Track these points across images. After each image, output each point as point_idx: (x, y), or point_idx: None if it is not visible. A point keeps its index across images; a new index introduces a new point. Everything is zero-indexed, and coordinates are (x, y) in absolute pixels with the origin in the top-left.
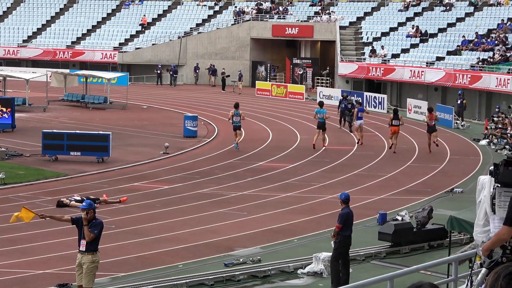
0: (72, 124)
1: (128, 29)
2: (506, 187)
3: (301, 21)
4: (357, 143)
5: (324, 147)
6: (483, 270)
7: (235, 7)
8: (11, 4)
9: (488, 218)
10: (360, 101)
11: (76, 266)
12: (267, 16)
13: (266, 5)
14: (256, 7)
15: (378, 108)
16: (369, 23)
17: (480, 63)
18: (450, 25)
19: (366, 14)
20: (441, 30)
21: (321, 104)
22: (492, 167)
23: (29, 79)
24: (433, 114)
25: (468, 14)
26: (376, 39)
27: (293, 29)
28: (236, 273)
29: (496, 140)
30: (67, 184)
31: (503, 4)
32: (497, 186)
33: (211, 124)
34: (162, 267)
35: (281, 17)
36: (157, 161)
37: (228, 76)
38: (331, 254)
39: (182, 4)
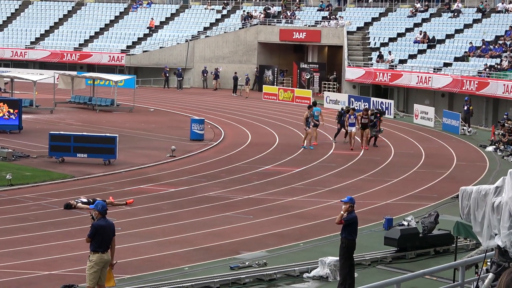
0: (79, 126)
1: (136, 32)
2: None
3: (309, 25)
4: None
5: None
6: (490, 275)
7: (243, 11)
8: (19, 6)
9: None
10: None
11: None
12: (275, 21)
13: (274, 9)
14: (264, 12)
15: (385, 114)
16: (377, 28)
17: (487, 69)
18: (458, 31)
19: (374, 19)
20: (449, 36)
21: (315, 103)
22: None
23: (36, 81)
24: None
25: (476, 21)
26: (383, 44)
27: (301, 33)
28: (242, 276)
29: (502, 146)
30: (74, 186)
31: (511, 11)
32: None
33: (218, 128)
34: (168, 269)
35: (289, 21)
36: (164, 163)
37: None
38: (337, 258)
39: (190, 7)
